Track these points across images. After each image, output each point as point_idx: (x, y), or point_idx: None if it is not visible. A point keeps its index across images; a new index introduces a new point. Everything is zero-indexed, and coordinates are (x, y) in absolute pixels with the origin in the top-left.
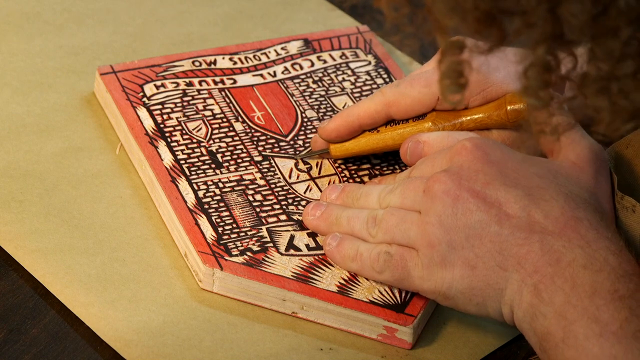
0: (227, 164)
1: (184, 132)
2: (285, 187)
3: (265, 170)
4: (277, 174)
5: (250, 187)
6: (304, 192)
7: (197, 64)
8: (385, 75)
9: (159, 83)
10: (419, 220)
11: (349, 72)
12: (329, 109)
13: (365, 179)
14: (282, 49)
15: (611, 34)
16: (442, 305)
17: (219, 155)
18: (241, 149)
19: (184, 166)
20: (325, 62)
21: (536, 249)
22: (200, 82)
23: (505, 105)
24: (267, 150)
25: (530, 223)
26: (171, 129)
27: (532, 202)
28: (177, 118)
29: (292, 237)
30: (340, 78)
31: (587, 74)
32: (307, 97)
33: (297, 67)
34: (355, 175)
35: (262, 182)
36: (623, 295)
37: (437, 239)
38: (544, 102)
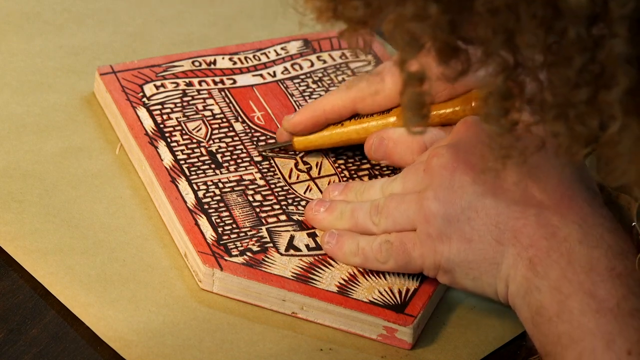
0: (226, 164)
1: (183, 132)
2: (285, 188)
3: (265, 170)
4: (277, 174)
5: (250, 187)
6: (304, 193)
7: (197, 64)
8: None
9: (158, 83)
10: (417, 198)
11: (349, 72)
12: None
13: (365, 179)
14: (282, 49)
15: (565, 63)
16: (442, 282)
17: (218, 156)
18: (241, 149)
19: (184, 166)
20: (325, 62)
21: (532, 222)
22: (200, 82)
23: (471, 101)
24: (267, 151)
25: (526, 197)
26: (171, 129)
27: (528, 176)
28: (177, 118)
29: (292, 238)
30: (340, 78)
31: (545, 100)
32: (307, 97)
33: (296, 67)
34: (355, 176)
35: (262, 182)
36: (620, 273)
37: (433, 213)
38: (505, 128)
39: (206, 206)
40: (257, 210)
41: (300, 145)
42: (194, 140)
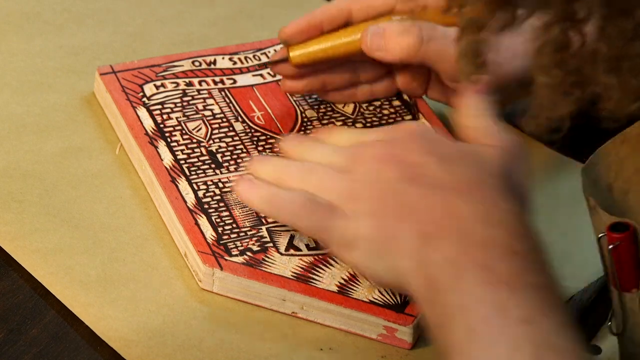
0: (227, 164)
1: (183, 132)
2: None
3: None
4: None
5: None
6: None
7: (197, 64)
8: None
9: (158, 83)
10: (346, 178)
11: None
12: (328, 109)
13: None
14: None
15: (624, 15)
16: (344, 262)
17: (218, 155)
18: (241, 149)
19: (184, 166)
20: None
21: (435, 201)
22: (200, 82)
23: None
24: (267, 150)
25: (437, 182)
26: (171, 129)
27: (446, 165)
28: (177, 118)
29: (292, 237)
30: None
31: (597, 51)
32: (307, 97)
33: None
34: None
35: None
36: (518, 251)
37: (360, 193)
38: (556, 80)
39: (206, 206)
40: None
41: (297, 58)
42: (194, 140)
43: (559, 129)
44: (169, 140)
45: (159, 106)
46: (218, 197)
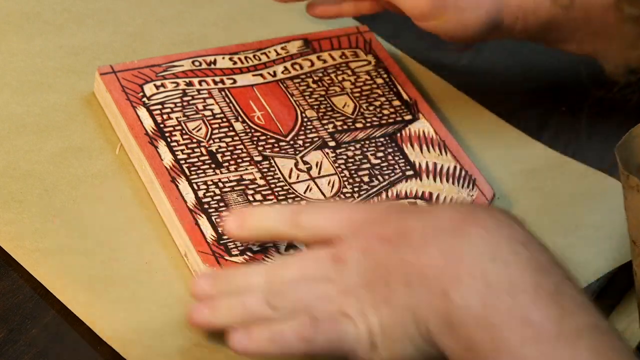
0: (227, 163)
1: (183, 132)
2: (285, 187)
3: (265, 170)
4: (277, 174)
5: (250, 187)
6: (304, 192)
7: (197, 64)
8: (385, 75)
9: (158, 83)
10: (334, 280)
11: (349, 72)
12: (328, 108)
13: (365, 178)
14: (282, 48)
15: None
16: None
17: (218, 155)
18: (241, 149)
19: (184, 166)
20: (325, 62)
21: (435, 254)
22: (200, 82)
23: None
24: (267, 150)
25: (425, 233)
26: (171, 128)
27: (425, 216)
28: (177, 118)
29: None
30: (340, 78)
31: None
32: (307, 97)
33: (297, 67)
34: (355, 175)
35: (262, 182)
36: (549, 290)
37: (355, 287)
38: None
39: (206, 206)
40: None
41: None
42: (194, 140)
43: (637, 69)
44: (169, 140)
45: (159, 106)
46: (218, 197)
